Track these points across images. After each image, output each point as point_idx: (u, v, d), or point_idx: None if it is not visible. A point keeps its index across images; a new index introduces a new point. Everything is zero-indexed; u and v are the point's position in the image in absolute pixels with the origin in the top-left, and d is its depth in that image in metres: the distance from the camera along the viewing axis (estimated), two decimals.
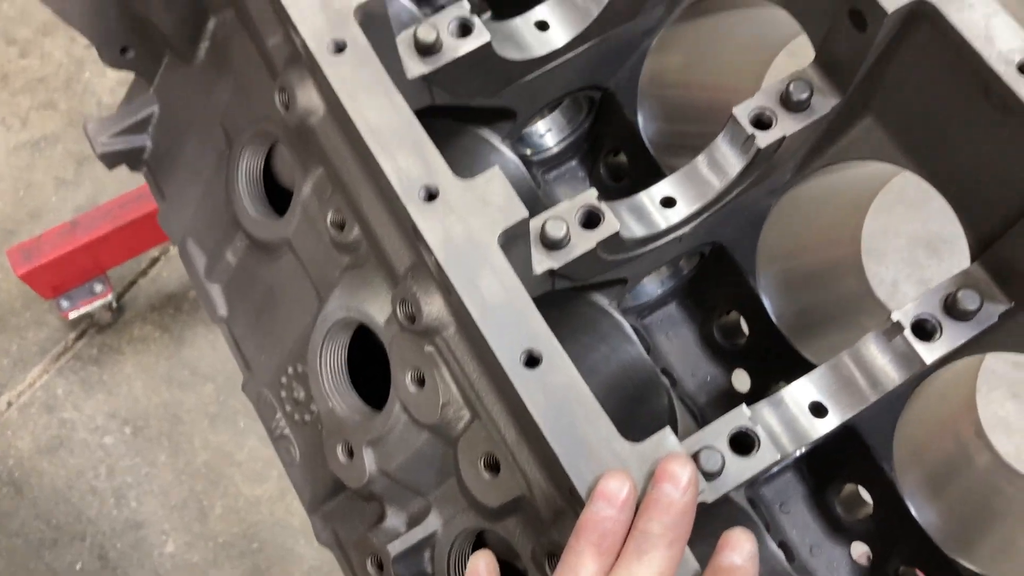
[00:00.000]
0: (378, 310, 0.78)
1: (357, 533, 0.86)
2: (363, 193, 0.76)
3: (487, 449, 0.70)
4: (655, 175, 1.00)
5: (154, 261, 2.38)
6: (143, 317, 2.33)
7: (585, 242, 0.74)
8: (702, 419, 0.98)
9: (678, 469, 0.58)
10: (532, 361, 0.60)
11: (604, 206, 0.75)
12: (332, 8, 0.70)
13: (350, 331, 0.83)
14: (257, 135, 0.90)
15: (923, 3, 0.68)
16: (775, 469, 0.93)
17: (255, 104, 0.89)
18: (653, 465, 0.57)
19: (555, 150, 1.08)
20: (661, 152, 0.99)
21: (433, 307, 0.70)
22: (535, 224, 0.72)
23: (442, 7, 1.17)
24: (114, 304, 2.24)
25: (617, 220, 0.74)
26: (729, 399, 1.01)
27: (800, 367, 0.94)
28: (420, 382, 0.74)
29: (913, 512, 0.83)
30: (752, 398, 1.01)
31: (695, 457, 0.65)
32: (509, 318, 0.61)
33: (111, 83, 2.55)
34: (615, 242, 0.76)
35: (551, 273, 0.75)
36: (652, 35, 0.95)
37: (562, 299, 0.84)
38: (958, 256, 2.35)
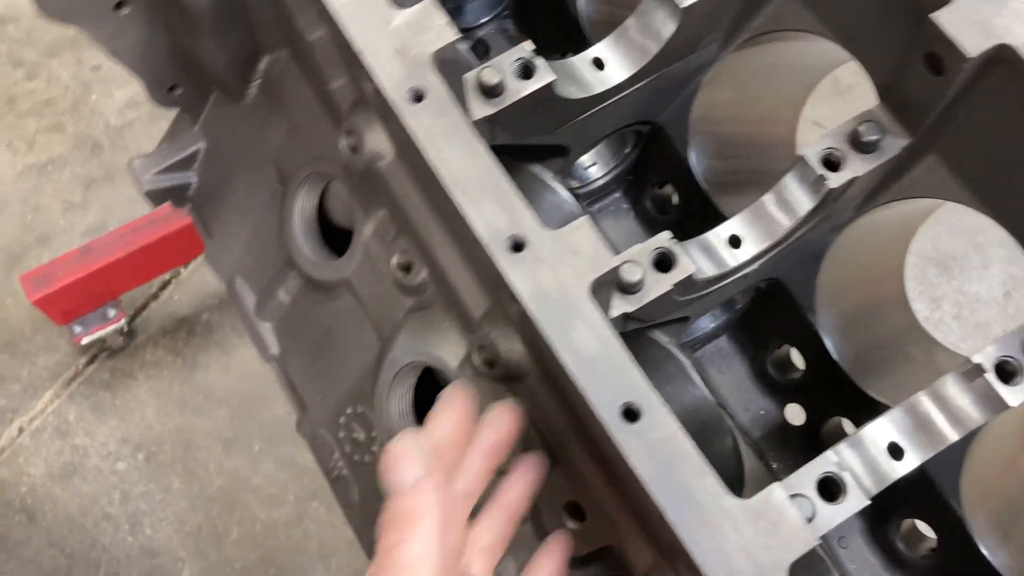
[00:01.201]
0: (450, 354, 0.77)
1: None
2: (435, 238, 0.75)
3: (570, 496, 0.69)
4: (704, 208, 1.00)
5: (165, 284, 2.36)
6: (155, 342, 2.31)
7: (660, 285, 0.73)
8: (760, 454, 0.98)
9: None
10: (631, 415, 0.59)
11: (678, 247, 0.74)
12: (408, 55, 0.69)
13: (417, 373, 0.82)
14: (313, 175, 0.89)
15: (1004, 48, 0.68)
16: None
17: (311, 144, 0.88)
18: (763, 521, 0.57)
19: (600, 182, 1.07)
20: (713, 188, 0.98)
21: (513, 354, 0.69)
22: None
23: (486, 51, 1.16)
24: (126, 329, 2.22)
25: (692, 262, 0.74)
26: (783, 433, 1.01)
27: (859, 402, 0.94)
28: None
29: (985, 553, 0.83)
30: (807, 432, 1.01)
31: None
32: (605, 371, 0.60)
33: (119, 105, 2.54)
34: (688, 283, 0.76)
35: (625, 317, 0.74)
36: (704, 70, 0.95)
37: (627, 339, 0.84)
38: (968, 271, 2.36)
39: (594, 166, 1.06)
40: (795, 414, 1.02)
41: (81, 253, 2.02)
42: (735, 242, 0.81)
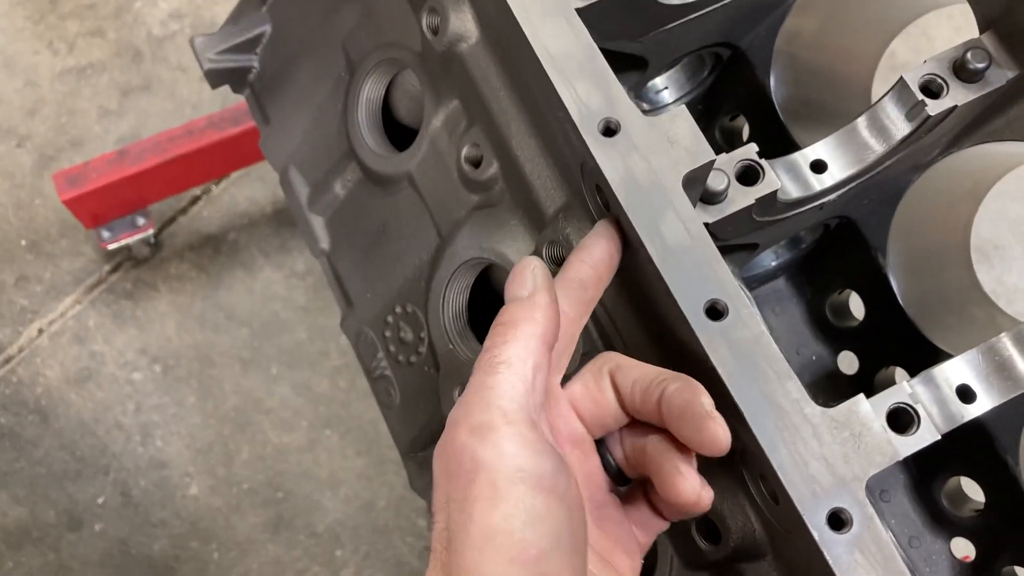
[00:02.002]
0: (515, 251, 0.74)
1: None
2: (512, 127, 0.72)
3: None
4: (777, 141, 0.97)
5: (195, 200, 2.34)
6: (180, 256, 2.29)
7: (744, 198, 0.70)
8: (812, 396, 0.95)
9: None
10: (715, 313, 0.57)
11: (764, 162, 0.71)
12: None
13: (476, 272, 0.80)
14: (383, 62, 0.86)
15: None
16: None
17: (385, 28, 0.85)
18: (846, 431, 0.54)
19: (670, 108, 1.04)
20: (791, 119, 0.95)
21: None
22: None
23: None
24: (152, 240, 2.21)
25: (777, 178, 0.71)
26: (834, 381, 0.98)
27: (918, 351, 0.91)
28: None
29: None
30: (858, 381, 0.98)
31: None
32: (693, 266, 0.57)
33: (162, 15, 2.50)
34: (770, 202, 0.73)
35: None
36: None
37: None
38: (1009, 261, 2.31)
39: (666, 90, 1.03)
40: (848, 363, 0.99)
41: (117, 156, 1.99)
42: (817, 167, 0.78)
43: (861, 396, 0.56)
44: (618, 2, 0.76)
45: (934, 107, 0.73)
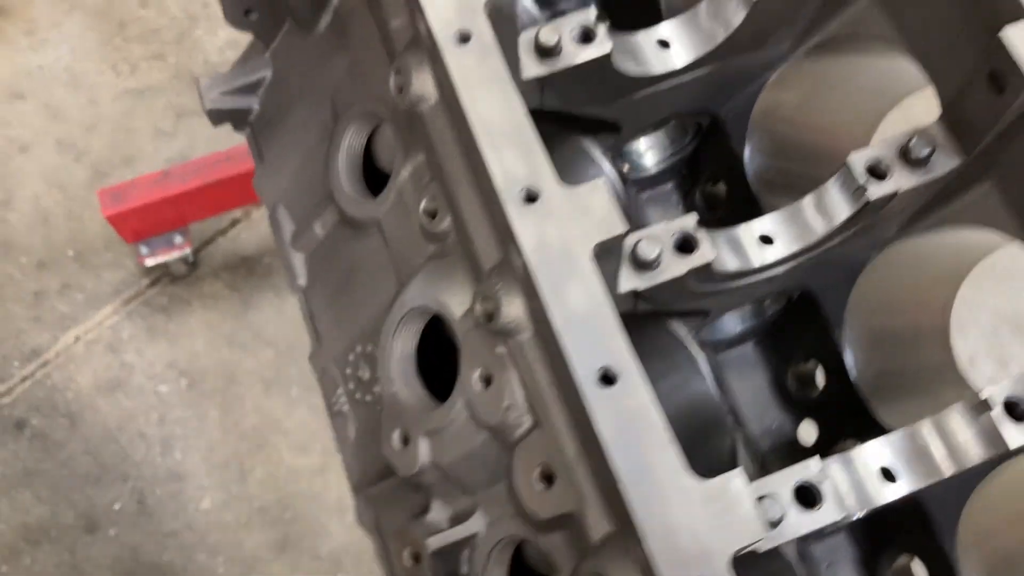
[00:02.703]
0: (457, 303, 0.77)
1: (399, 522, 0.86)
2: (461, 185, 0.75)
3: (544, 459, 0.69)
4: (753, 209, 0.98)
5: (235, 222, 2.42)
6: (215, 275, 2.37)
7: (676, 267, 0.72)
8: (763, 466, 0.96)
9: None
10: (607, 379, 0.59)
11: (702, 233, 0.73)
12: None
13: (425, 319, 0.83)
14: (364, 114, 0.90)
15: None
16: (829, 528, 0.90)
17: (368, 83, 0.89)
18: (717, 505, 0.55)
19: (653, 171, 1.06)
20: (762, 188, 0.97)
21: (512, 308, 0.69)
22: (628, 241, 0.71)
23: (562, 12, 1.16)
24: (190, 258, 2.29)
25: (713, 250, 0.73)
26: (792, 450, 0.99)
27: (873, 428, 0.91)
28: (487, 381, 0.73)
29: None
30: (817, 452, 0.98)
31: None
32: (590, 332, 0.60)
33: (220, 43, 2.61)
34: (706, 272, 0.74)
35: (635, 294, 0.74)
36: (772, 69, 0.93)
37: (640, 320, 0.83)
38: None
39: (649, 152, 1.05)
40: (808, 434, 0.99)
41: (160, 176, 2.08)
42: (766, 240, 0.79)
43: (738, 470, 0.57)
44: (580, 71, 0.79)
45: (875, 191, 0.74)
